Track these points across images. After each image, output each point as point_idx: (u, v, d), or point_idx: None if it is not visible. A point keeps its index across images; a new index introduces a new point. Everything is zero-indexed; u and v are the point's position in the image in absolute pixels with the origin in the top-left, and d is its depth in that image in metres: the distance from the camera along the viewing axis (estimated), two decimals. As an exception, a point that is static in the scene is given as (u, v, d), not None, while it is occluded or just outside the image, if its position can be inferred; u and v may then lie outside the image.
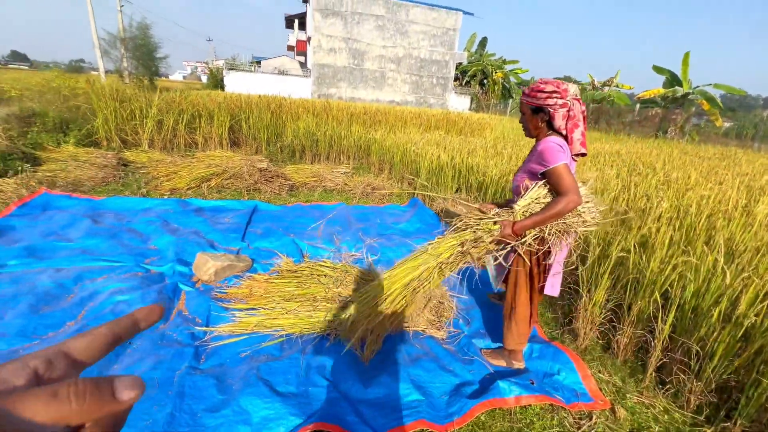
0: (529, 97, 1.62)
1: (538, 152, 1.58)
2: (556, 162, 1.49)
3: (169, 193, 4.39)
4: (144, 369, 1.69)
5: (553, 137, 1.58)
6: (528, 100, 1.63)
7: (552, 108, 1.57)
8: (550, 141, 1.56)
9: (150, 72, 20.78)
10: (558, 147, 1.53)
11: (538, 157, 1.57)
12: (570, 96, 1.57)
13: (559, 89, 1.56)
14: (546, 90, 1.57)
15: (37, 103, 6.63)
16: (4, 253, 2.61)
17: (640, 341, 2.06)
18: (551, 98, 1.56)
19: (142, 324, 0.30)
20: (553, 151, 1.51)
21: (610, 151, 6.77)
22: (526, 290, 1.77)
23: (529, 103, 1.63)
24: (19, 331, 1.86)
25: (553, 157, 1.50)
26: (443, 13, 23.39)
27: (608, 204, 2.87)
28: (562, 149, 1.53)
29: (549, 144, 1.55)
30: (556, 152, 1.51)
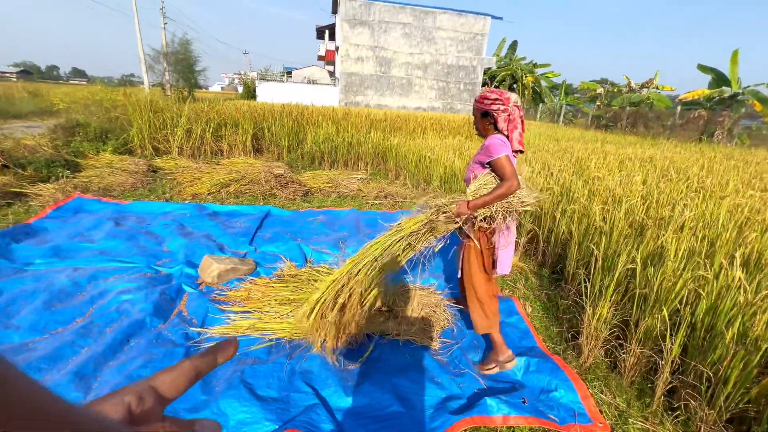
0: (479, 103, 1.91)
1: (485, 147, 1.85)
2: (499, 154, 1.77)
3: (190, 198, 4.60)
4: (135, 367, 1.76)
5: (497, 135, 1.86)
6: (477, 106, 1.92)
7: (496, 113, 1.86)
8: (495, 138, 1.83)
9: (189, 84, 22.05)
10: (501, 142, 1.81)
11: (486, 150, 1.84)
12: (511, 103, 1.85)
13: (501, 98, 1.85)
14: (491, 98, 1.86)
15: (82, 115, 7.20)
16: (32, 252, 2.83)
17: (650, 361, 1.89)
18: (495, 104, 1.85)
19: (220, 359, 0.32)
20: (497, 145, 1.80)
21: (641, 157, 6.37)
22: (480, 269, 1.95)
23: (479, 108, 1.91)
24: (31, 325, 2.00)
25: (497, 150, 1.78)
26: (471, 18, 23.19)
27: (624, 213, 2.70)
28: (503, 144, 1.81)
29: (494, 140, 1.82)
30: (500, 146, 1.79)
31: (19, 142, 5.09)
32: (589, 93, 23.89)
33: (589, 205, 2.96)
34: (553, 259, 3.20)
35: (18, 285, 2.34)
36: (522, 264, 3.26)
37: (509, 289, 2.92)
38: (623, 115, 17.75)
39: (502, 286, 2.95)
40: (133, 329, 2.04)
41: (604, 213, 2.87)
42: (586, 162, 5.29)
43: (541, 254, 3.33)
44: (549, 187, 3.59)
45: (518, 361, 2.02)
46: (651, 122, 16.42)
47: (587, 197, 3.25)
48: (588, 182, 3.79)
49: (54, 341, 1.89)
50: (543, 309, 2.64)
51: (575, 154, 6.17)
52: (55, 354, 1.81)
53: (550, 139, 9.93)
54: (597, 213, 2.66)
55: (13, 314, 2.07)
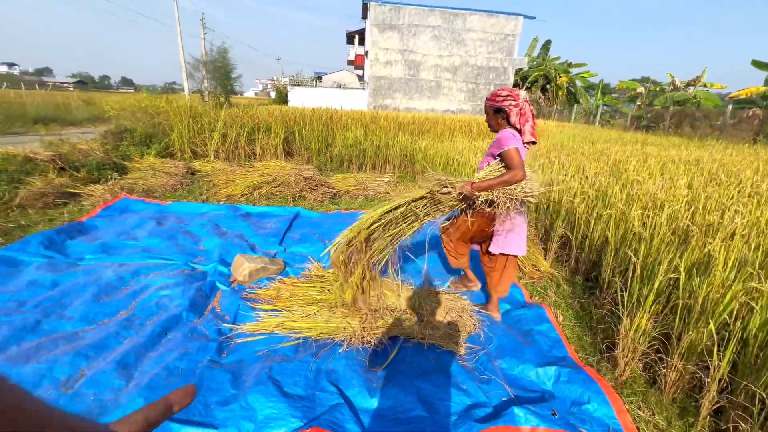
0: (491, 101, 2.08)
1: (497, 140, 2.01)
2: (508, 146, 1.92)
3: (225, 199, 4.80)
4: (172, 358, 1.85)
5: (509, 129, 2.03)
6: (490, 103, 2.09)
7: (508, 108, 2.03)
8: (506, 131, 2.01)
9: (226, 90, 23.06)
10: (511, 135, 1.97)
11: (497, 143, 2.00)
12: (521, 99, 2.02)
13: (512, 94, 2.03)
14: (502, 95, 2.04)
15: (129, 121, 7.72)
16: (84, 248, 3.06)
17: (694, 378, 1.77)
18: (507, 101, 2.03)
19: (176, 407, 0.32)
20: (507, 138, 1.95)
21: (686, 159, 5.98)
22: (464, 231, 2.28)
23: (491, 105, 2.09)
24: (81, 316, 2.16)
25: (507, 142, 1.94)
26: (502, 18, 22.76)
27: (667, 222, 2.55)
28: (514, 137, 1.97)
29: (505, 133, 1.99)
30: (510, 139, 1.95)
31: (74, 146, 5.52)
32: (629, 92, 22.71)
33: (627, 210, 2.81)
34: (587, 266, 3.07)
35: (71, 278, 2.53)
36: (553, 270, 3.14)
37: (539, 296, 2.82)
38: (666, 114, 16.73)
39: (532, 293, 2.86)
40: (171, 323, 2.15)
41: (644, 218, 2.72)
42: (624, 165, 5.03)
43: (574, 261, 3.20)
44: (583, 191, 3.44)
45: (548, 370, 1.95)
46: (698, 122, 15.37)
47: (625, 202, 3.09)
48: (626, 186, 3.60)
49: (101, 331, 2.03)
50: (575, 318, 2.53)
51: (612, 157, 5.88)
52: (101, 343, 1.94)
53: (585, 140, 9.53)
54: (636, 218, 2.52)
55: (66, 305, 2.25)
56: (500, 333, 2.24)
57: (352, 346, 2.00)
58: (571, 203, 3.32)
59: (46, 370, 1.73)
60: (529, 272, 3.11)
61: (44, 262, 2.73)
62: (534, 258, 3.24)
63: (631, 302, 1.96)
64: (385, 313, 2.15)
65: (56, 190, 4.18)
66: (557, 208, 3.48)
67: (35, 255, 2.82)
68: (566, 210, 3.30)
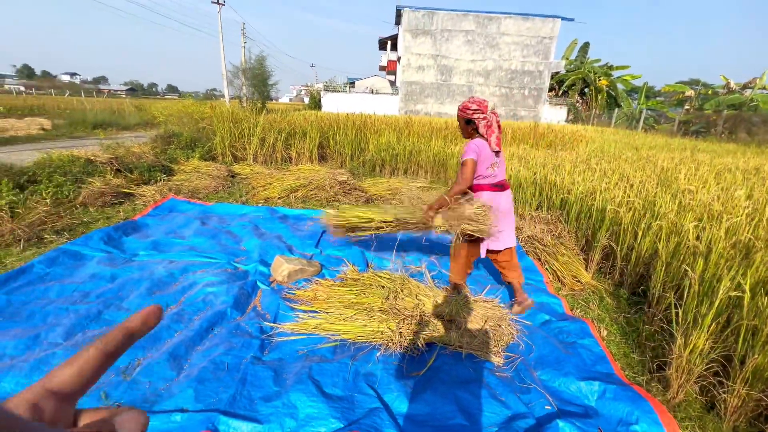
0: (462, 112, 2.23)
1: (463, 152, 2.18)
2: (465, 156, 2.11)
3: (263, 201, 4.99)
4: (218, 353, 1.95)
5: (476, 139, 2.19)
6: (461, 114, 2.24)
7: (477, 120, 2.18)
8: (471, 143, 2.17)
9: (263, 97, 23.98)
10: (473, 146, 2.13)
11: (463, 154, 2.18)
12: (488, 111, 2.18)
13: (481, 107, 2.17)
14: (472, 108, 2.18)
15: (176, 126, 8.22)
16: (137, 245, 3.28)
17: (759, 405, 1.63)
18: (476, 114, 2.17)
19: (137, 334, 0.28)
20: (468, 148, 2.14)
21: (744, 168, 5.54)
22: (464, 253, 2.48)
23: (462, 117, 2.24)
24: (137, 308, 2.32)
25: (466, 153, 2.13)
26: (538, 21, 22.22)
27: (725, 234, 2.38)
28: (476, 148, 2.13)
29: (469, 144, 2.16)
30: (469, 150, 2.13)
31: (128, 149, 5.95)
32: (676, 96, 21.39)
33: (679, 222, 2.65)
34: (633, 279, 2.92)
35: (128, 273, 2.72)
36: (596, 282, 3.01)
37: (581, 308, 2.71)
38: (719, 119, 15.60)
39: (573, 305, 2.75)
40: (216, 319, 2.26)
41: (699, 231, 2.55)
42: (673, 173, 4.75)
43: (619, 273, 3.05)
44: (629, 201, 3.28)
45: (592, 385, 1.87)
46: (755, 127, 14.21)
47: (676, 212, 2.92)
48: (677, 196, 3.40)
49: (154, 324, 2.17)
50: (621, 333, 2.41)
51: (659, 164, 5.56)
52: (155, 336, 2.07)
53: (628, 146, 9.07)
54: (691, 231, 2.37)
55: (124, 297, 2.42)
56: (540, 343, 2.18)
57: (389, 351, 2.01)
58: (616, 213, 3.17)
59: (108, 358, 1.87)
60: (569, 284, 3.00)
61: (104, 256, 2.95)
62: (574, 269, 3.12)
63: (687, 320, 1.84)
64: (423, 319, 2.15)
65: (113, 190, 4.51)
66: (600, 216, 3.33)
67: (96, 250, 3.06)
68: (610, 219, 3.16)
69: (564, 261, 3.19)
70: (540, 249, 3.41)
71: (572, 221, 3.66)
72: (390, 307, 2.26)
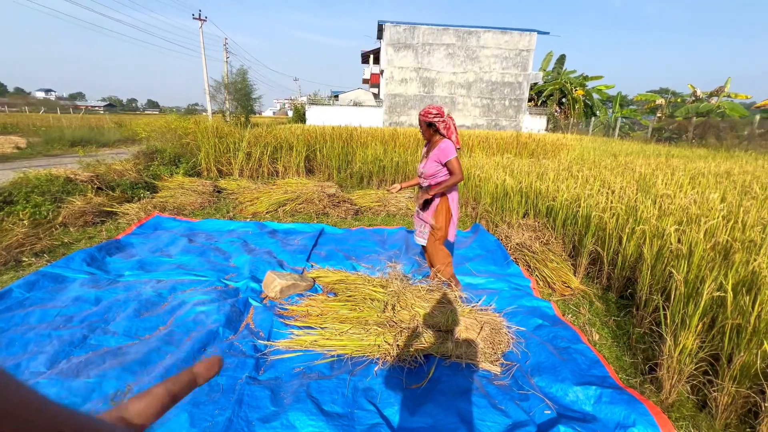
0: (424, 117, 2.57)
1: (442, 149, 2.50)
2: (452, 155, 2.48)
3: (250, 217, 4.93)
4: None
5: (447, 140, 2.53)
6: (423, 118, 2.57)
7: (437, 123, 2.55)
8: (449, 142, 2.52)
9: (246, 111, 23.87)
10: (453, 146, 2.52)
11: (442, 152, 2.50)
12: (446, 116, 2.56)
13: (440, 112, 2.55)
14: (433, 113, 2.54)
15: (159, 142, 8.08)
16: (122, 265, 3.19)
17: (748, 402, 1.69)
18: (436, 117, 2.54)
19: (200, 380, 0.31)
20: (451, 148, 2.50)
21: (716, 171, 5.81)
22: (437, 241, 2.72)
23: (425, 120, 2.58)
24: (125, 331, 2.24)
25: (452, 152, 2.49)
26: (516, 35, 23.01)
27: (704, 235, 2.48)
28: (454, 147, 2.52)
29: (449, 144, 2.51)
30: (453, 149, 2.50)
31: (110, 167, 5.81)
32: (648, 104, 22.35)
33: (661, 226, 2.75)
34: (620, 283, 2.99)
35: (113, 294, 2.64)
36: (584, 287, 3.08)
37: (572, 313, 2.76)
38: (689, 126, 16.35)
39: (564, 310, 2.80)
40: (209, 339, 2.20)
41: (679, 234, 2.65)
42: (651, 179, 4.93)
43: (606, 277, 3.13)
44: (612, 207, 3.39)
45: (588, 389, 1.89)
46: (723, 133, 14.94)
47: (657, 216, 3.03)
48: (656, 201, 3.53)
49: (143, 346, 2.10)
50: (612, 337, 2.46)
51: (637, 170, 5.77)
52: (145, 359, 2.00)
53: (606, 153, 9.38)
54: (672, 234, 2.46)
55: (110, 320, 2.34)
56: (536, 350, 2.20)
57: (387, 364, 2.00)
58: (600, 219, 3.27)
59: (96, 385, 1.80)
60: (559, 289, 3.06)
61: (87, 278, 2.86)
62: (564, 275, 3.19)
63: (675, 322, 1.90)
64: (419, 331, 2.15)
65: (95, 208, 4.39)
66: (585, 223, 3.43)
67: (78, 271, 2.95)
68: (595, 225, 3.25)
69: (553, 267, 3.25)
70: (529, 256, 3.47)
71: (559, 228, 3.74)
72: (386, 319, 2.25)
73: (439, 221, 2.67)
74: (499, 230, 4.17)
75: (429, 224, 2.70)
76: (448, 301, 2.38)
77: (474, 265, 3.46)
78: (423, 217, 2.73)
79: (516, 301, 2.83)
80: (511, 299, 2.86)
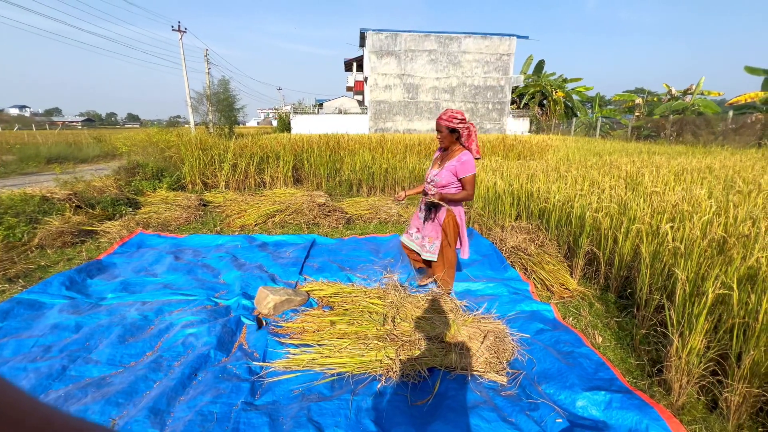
0: (447, 122, 2.38)
1: (462, 162, 2.37)
2: (473, 171, 2.36)
3: (239, 230, 4.79)
4: (205, 402, 1.77)
5: (468, 153, 2.38)
6: (447, 123, 2.38)
7: (461, 130, 2.40)
8: (470, 156, 2.38)
9: (230, 122, 23.57)
10: (473, 162, 2.37)
11: (463, 165, 2.37)
12: (468, 122, 2.42)
13: (465, 118, 2.40)
14: (458, 118, 2.38)
15: (141, 156, 7.85)
16: (105, 287, 3.02)
17: (759, 401, 1.66)
18: (461, 123, 2.39)
19: None
20: (472, 163, 2.36)
21: (698, 167, 5.94)
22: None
23: (448, 126, 2.39)
24: (108, 359, 2.10)
25: (472, 168, 2.36)
26: (496, 40, 23.43)
27: (701, 230, 2.48)
28: (474, 163, 2.36)
29: (470, 159, 2.37)
30: (473, 165, 2.36)
31: (89, 184, 5.59)
32: (626, 104, 22.99)
33: (655, 224, 2.76)
34: (618, 283, 2.98)
35: (95, 319, 2.48)
36: (582, 289, 3.06)
37: (573, 316, 2.73)
38: (667, 124, 16.85)
39: (564, 313, 2.77)
40: (199, 363, 2.08)
41: (674, 232, 2.66)
42: (638, 176, 5.00)
43: (603, 277, 3.12)
44: (605, 206, 3.39)
45: (597, 395, 1.85)
46: (699, 129, 15.44)
47: (651, 215, 3.04)
48: (647, 198, 3.55)
49: (129, 375, 1.97)
50: (615, 339, 2.43)
51: (623, 168, 5.86)
52: (131, 388, 1.87)
53: (591, 153, 9.54)
54: (669, 232, 2.46)
55: (92, 348, 2.19)
56: (540, 356, 2.15)
57: (390, 381, 1.91)
58: (594, 219, 3.26)
59: (77, 421, 1.66)
60: (558, 291, 3.03)
61: (67, 303, 2.69)
62: (561, 276, 3.16)
63: (680, 322, 1.87)
64: (421, 344, 2.08)
65: (73, 228, 4.19)
66: (579, 223, 3.42)
67: (57, 296, 2.79)
68: (590, 225, 3.25)
69: (550, 269, 3.23)
70: (525, 259, 3.44)
71: (552, 229, 3.73)
72: (386, 333, 2.17)
73: (448, 236, 2.57)
74: (492, 234, 4.14)
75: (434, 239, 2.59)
76: (450, 310, 2.31)
77: (471, 271, 3.41)
78: (425, 231, 2.63)
79: (516, 306, 2.79)
80: (511, 304, 2.81)
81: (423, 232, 2.67)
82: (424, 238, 2.67)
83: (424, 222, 2.63)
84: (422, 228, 2.66)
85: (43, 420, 0.21)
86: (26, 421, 0.21)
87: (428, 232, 2.62)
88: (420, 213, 2.68)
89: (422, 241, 2.69)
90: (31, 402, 0.22)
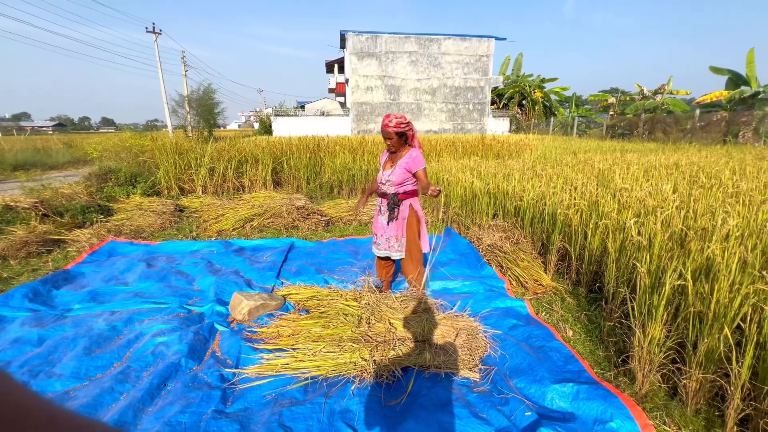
0: (396, 128, 2.54)
1: (413, 158, 2.57)
2: (424, 165, 2.57)
3: (216, 235, 4.71)
4: (174, 412, 1.74)
5: (416, 150, 2.61)
6: (395, 129, 2.55)
7: (408, 133, 2.59)
8: (418, 152, 2.61)
9: (209, 125, 23.10)
10: (422, 156, 2.61)
11: (414, 161, 2.56)
12: (409, 122, 2.59)
13: (408, 121, 2.58)
14: (404, 122, 2.56)
15: (113, 161, 7.62)
16: (71, 298, 2.92)
17: (715, 386, 1.74)
18: (407, 126, 2.57)
19: None
20: (421, 158, 2.58)
21: (666, 163, 6.18)
22: None
23: (397, 131, 2.55)
24: (73, 372, 2.03)
25: (422, 162, 2.57)
26: (475, 41, 23.77)
27: (662, 225, 2.58)
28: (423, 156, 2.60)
29: (419, 154, 2.60)
30: (422, 159, 2.58)
31: (57, 191, 5.38)
32: (601, 103, 23.72)
33: (621, 219, 2.85)
34: (588, 278, 3.07)
35: (60, 332, 2.39)
36: (555, 284, 3.13)
37: (545, 311, 2.79)
38: (639, 122, 17.46)
39: (538, 308, 2.83)
40: (169, 372, 2.03)
41: (638, 226, 2.76)
42: (609, 173, 5.16)
43: (575, 272, 3.21)
44: (575, 203, 3.49)
45: (565, 387, 1.90)
46: (669, 128, 16.06)
47: (618, 211, 3.14)
48: (615, 195, 3.67)
49: (94, 388, 1.90)
50: (585, 331, 2.50)
51: (596, 166, 6.04)
52: (96, 402, 1.81)
53: (567, 151, 9.81)
54: (632, 227, 2.55)
55: (55, 362, 2.11)
56: (512, 351, 2.19)
57: (364, 382, 1.91)
58: (566, 215, 3.35)
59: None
60: (532, 287, 3.10)
61: (29, 316, 2.58)
62: (535, 273, 3.23)
63: (642, 313, 1.94)
64: (395, 344, 2.09)
65: (39, 237, 4.03)
66: (552, 220, 3.51)
67: (19, 309, 2.67)
68: (561, 222, 3.33)
69: (524, 266, 3.30)
70: (501, 257, 3.51)
71: (527, 227, 3.81)
72: (361, 334, 2.17)
73: (411, 233, 2.65)
74: (470, 233, 4.19)
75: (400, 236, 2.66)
76: (424, 310, 2.33)
77: (449, 270, 3.45)
78: (390, 232, 2.68)
79: (491, 303, 2.83)
80: (486, 301, 2.86)
81: (387, 233, 2.70)
82: (390, 239, 2.70)
83: (387, 223, 2.67)
84: (386, 229, 2.70)
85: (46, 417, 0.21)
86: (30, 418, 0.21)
87: (393, 231, 2.67)
88: (381, 216, 2.72)
89: (389, 242, 2.71)
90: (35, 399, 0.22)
